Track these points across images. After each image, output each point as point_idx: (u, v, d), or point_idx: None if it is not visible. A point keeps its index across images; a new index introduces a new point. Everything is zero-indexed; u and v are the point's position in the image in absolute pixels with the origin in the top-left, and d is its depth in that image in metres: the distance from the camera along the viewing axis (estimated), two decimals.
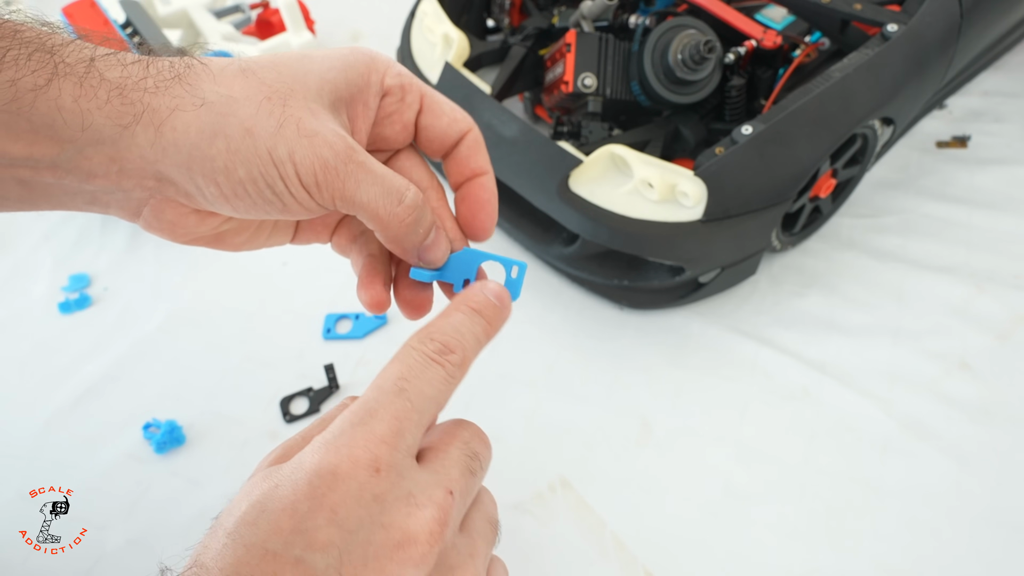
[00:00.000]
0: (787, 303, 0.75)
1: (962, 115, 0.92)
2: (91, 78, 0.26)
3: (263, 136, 0.28)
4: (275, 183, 0.29)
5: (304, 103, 0.29)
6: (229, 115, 0.28)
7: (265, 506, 0.25)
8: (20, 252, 0.85)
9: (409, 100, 0.34)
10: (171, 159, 0.27)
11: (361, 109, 0.33)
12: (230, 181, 0.28)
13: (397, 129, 0.35)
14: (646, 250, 0.66)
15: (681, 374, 0.70)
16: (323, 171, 0.29)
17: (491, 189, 0.36)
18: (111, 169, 0.27)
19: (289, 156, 0.28)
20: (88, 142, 0.26)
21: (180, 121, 0.27)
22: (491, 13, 0.92)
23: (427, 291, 0.37)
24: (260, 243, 0.36)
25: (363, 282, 0.36)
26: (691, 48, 0.68)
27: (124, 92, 0.26)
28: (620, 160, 0.65)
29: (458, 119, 0.35)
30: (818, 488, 0.61)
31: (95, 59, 0.26)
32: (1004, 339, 0.70)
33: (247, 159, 0.28)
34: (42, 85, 0.25)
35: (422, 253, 0.34)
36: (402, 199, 0.31)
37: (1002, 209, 0.81)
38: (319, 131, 0.29)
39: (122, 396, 0.71)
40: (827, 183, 0.72)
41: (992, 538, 0.58)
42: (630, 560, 0.57)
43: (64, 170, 0.27)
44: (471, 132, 0.36)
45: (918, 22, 0.70)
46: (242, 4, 1.09)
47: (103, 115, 0.26)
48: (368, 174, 0.30)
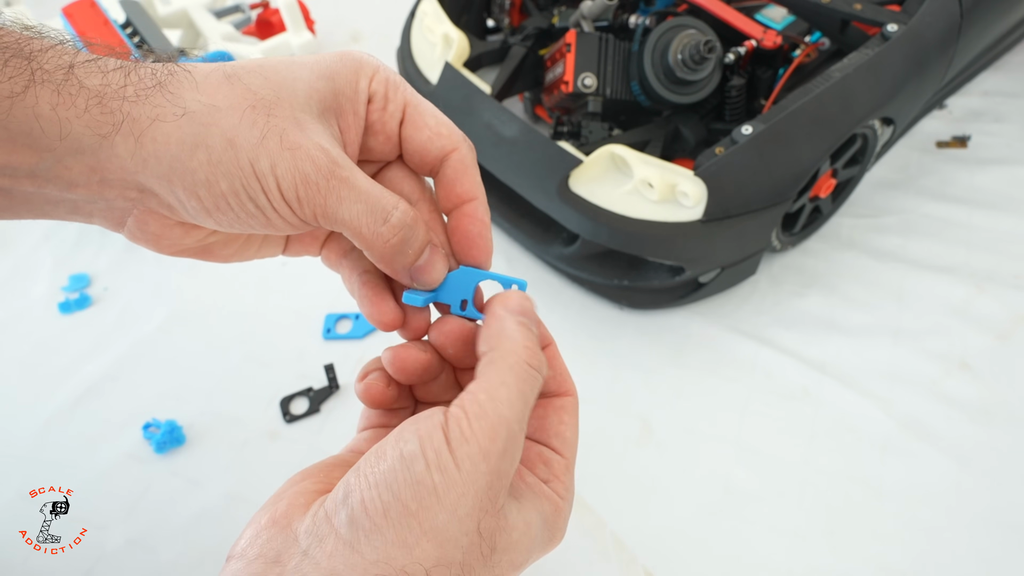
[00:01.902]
0: (787, 303, 0.75)
1: (962, 115, 0.92)
2: (70, 86, 0.25)
3: (245, 148, 0.27)
4: (257, 196, 0.27)
5: (290, 112, 0.28)
6: (211, 125, 0.27)
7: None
8: (20, 252, 0.85)
9: (391, 109, 0.32)
10: (151, 171, 0.26)
11: (352, 119, 0.31)
12: (211, 194, 0.27)
13: (381, 140, 0.32)
14: (646, 250, 0.66)
15: (681, 374, 0.70)
16: (304, 186, 0.27)
17: (482, 219, 0.33)
18: (92, 179, 0.26)
19: (271, 169, 0.27)
20: (67, 151, 0.25)
21: (160, 132, 0.26)
22: (491, 13, 0.92)
23: (424, 312, 0.34)
24: (249, 255, 0.35)
25: (370, 302, 0.34)
26: (691, 48, 0.68)
27: (103, 100, 0.25)
28: (620, 160, 0.65)
29: (442, 134, 0.32)
30: (818, 488, 0.61)
31: (74, 66, 0.25)
32: (1004, 339, 0.70)
33: (228, 171, 0.27)
34: (19, 92, 0.24)
35: (415, 274, 0.31)
36: (387, 218, 0.29)
37: (1002, 209, 0.81)
38: (302, 144, 0.28)
39: (122, 396, 0.70)
40: (827, 183, 0.72)
41: (991, 538, 0.58)
42: (630, 560, 0.57)
43: (44, 179, 0.26)
44: (456, 152, 0.32)
45: (918, 22, 0.70)
46: (242, 4, 1.09)
47: (82, 124, 0.25)
48: (351, 190, 0.28)
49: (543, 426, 0.32)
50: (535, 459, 0.31)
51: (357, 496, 0.25)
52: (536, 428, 0.32)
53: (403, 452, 0.25)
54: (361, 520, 0.24)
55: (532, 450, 0.31)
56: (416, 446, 0.25)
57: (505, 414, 0.26)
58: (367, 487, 0.25)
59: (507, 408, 0.26)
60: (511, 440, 0.26)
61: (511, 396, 0.27)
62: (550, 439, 0.31)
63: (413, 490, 0.25)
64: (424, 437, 0.25)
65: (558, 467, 0.31)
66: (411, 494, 0.25)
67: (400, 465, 0.25)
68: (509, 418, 0.26)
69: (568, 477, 0.31)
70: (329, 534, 0.25)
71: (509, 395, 0.27)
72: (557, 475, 0.31)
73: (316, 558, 0.24)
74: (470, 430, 0.26)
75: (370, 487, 0.25)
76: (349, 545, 0.24)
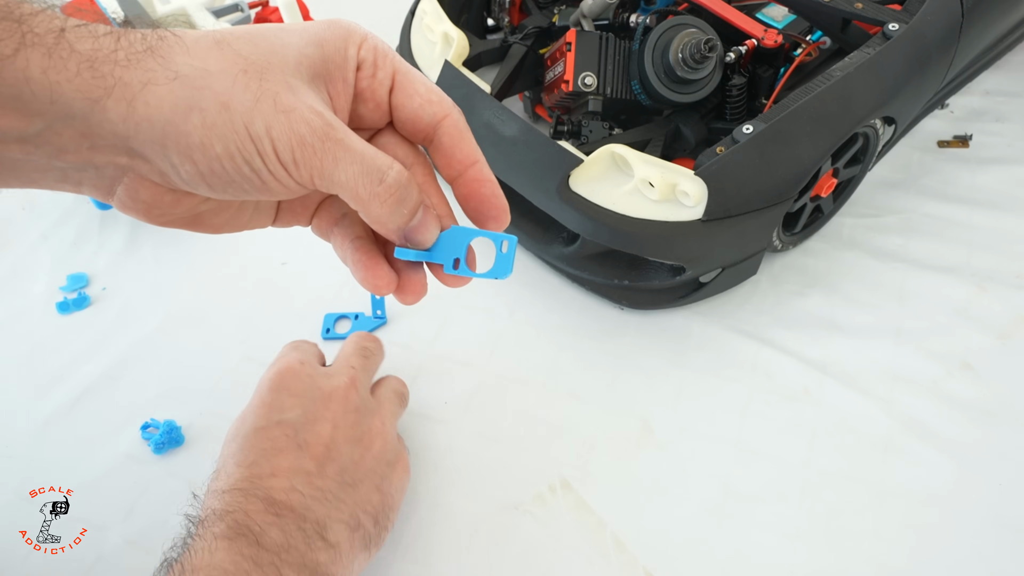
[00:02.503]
0: (788, 303, 0.75)
1: (964, 114, 0.92)
2: (61, 49, 0.25)
3: (240, 110, 0.27)
4: (252, 159, 0.27)
5: (282, 77, 0.28)
6: (204, 88, 0.27)
7: (251, 406, 0.51)
8: (18, 252, 0.84)
9: (380, 77, 0.32)
10: (144, 135, 0.26)
11: (341, 86, 0.31)
12: (206, 157, 0.27)
13: (371, 107, 0.33)
14: (647, 250, 0.65)
15: (681, 374, 0.70)
16: (300, 148, 0.28)
17: (491, 179, 0.35)
18: (82, 145, 0.26)
19: (267, 131, 0.27)
20: (57, 116, 0.25)
21: (153, 95, 0.26)
22: (491, 12, 0.92)
23: (420, 272, 0.36)
24: (240, 225, 0.35)
25: (364, 266, 0.34)
26: (692, 47, 0.68)
27: (95, 65, 0.25)
28: (620, 159, 0.65)
29: (433, 100, 0.33)
30: (819, 488, 0.61)
31: (65, 30, 0.25)
32: (1006, 339, 0.70)
33: (224, 134, 0.27)
34: (8, 55, 0.24)
35: (409, 234, 0.32)
36: (383, 178, 0.30)
37: (1004, 209, 0.81)
38: (296, 107, 0.28)
39: (120, 396, 0.70)
40: (828, 182, 0.72)
41: (993, 539, 0.58)
42: (630, 560, 0.57)
43: (33, 145, 0.26)
44: (448, 118, 0.33)
45: (919, 21, 0.70)
46: (241, 3, 1.09)
47: (73, 88, 0.25)
48: (346, 152, 0.29)
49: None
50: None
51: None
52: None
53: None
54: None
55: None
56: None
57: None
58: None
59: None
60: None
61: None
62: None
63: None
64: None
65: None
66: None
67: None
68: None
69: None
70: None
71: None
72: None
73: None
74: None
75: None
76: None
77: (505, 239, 0.34)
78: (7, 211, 0.89)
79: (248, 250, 0.82)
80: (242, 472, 0.44)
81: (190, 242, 0.83)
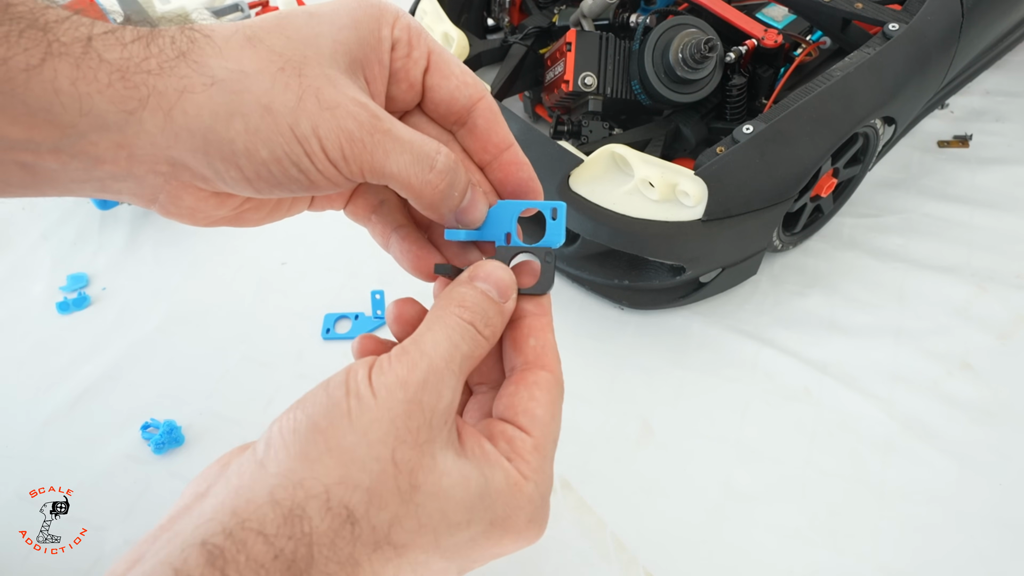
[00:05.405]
0: (788, 303, 0.75)
1: (963, 114, 0.92)
2: (89, 59, 0.24)
3: (283, 112, 0.26)
4: (300, 160, 0.27)
5: (320, 70, 0.27)
6: (243, 92, 0.26)
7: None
8: (19, 252, 0.84)
9: (416, 56, 0.31)
10: (185, 144, 0.26)
11: (377, 69, 0.30)
12: (252, 163, 0.26)
13: (404, 88, 0.32)
14: (647, 250, 0.65)
15: (682, 374, 0.70)
16: (349, 144, 0.27)
17: (524, 162, 0.34)
18: (119, 155, 0.25)
19: (313, 131, 0.26)
20: (91, 127, 0.24)
21: (191, 104, 0.25)
22: (491, 12, 0.92)
23: (474, 252, 0.35)
24: (280, 216, 0.34)
25: (415, 255, 0.34)
26: (692, 47, 0.68)
27: (126, 75, 0.24)
28: (621, 159, 0.65)
29: (468, 83, 0.32)
30: (819, 488, 0.61)
31: (92, 38, 0.24)
32: (1006, 339, 0.70)
33: (268, 138, 0.26)
34: (35, 65, 0.23)
35: (460, 216, 0.31)
36: (434, 164, 0.29)
37: (1004, 208, 0.81)
38: (340, 102, 0.27)
39: (120, 396, 0.70)
40: (828, 182, 0.72)
41: (993, 538, 0.58)
42: (630, 561, 0.57)
43: (68, 155, 0.25)
44: (483, 100, 0.32)
45: (919, 21, 0.70)
46: (241, 3, 1.09)
47: (105, 100, 0.24)
48: (396, 142, 0.28)
49: (512, 403, 0.31)
50: (497, 435, 0.30)
51: (276, 423, 0.26)
52: (505, 406, 0.31)
53: (328, 382, 0.26)
54: (274, 440, 0.25)
55: (495, 427, 0.30)
56: (341, 377, 0.26)
57: (428, 351, 0.27)
58: (287, 413, 0.26)
59: (431, 347, 0.27)
60: (432, 372, 0.26)
61: (436, 339, 0.27)
62: (517, 416, 0.30)
63: (326, 411, 0.25)
64: (350, 371, 0.26)
65: (522, 445, 0.29)
66: (323, 414, 0.25)
67: (320, 390, 0.26)
68: (432, 355, 0.27)
69: (535, 458, 0.29)
70: (249, 460, 0.25)
71: (434, 338, 0.27)
72: (520, 453, 0.29)
73: (229, 478, 0.25)
74: (389, 364, 0.26)
75: (289, 412, 0.26)
76: (260, 464, 0.25)
77: (554, 206, 0.33)
78: (7, 211, 0.89)
79: (248, 250, 0.82)
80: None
81: (190, 242, 0.83)
